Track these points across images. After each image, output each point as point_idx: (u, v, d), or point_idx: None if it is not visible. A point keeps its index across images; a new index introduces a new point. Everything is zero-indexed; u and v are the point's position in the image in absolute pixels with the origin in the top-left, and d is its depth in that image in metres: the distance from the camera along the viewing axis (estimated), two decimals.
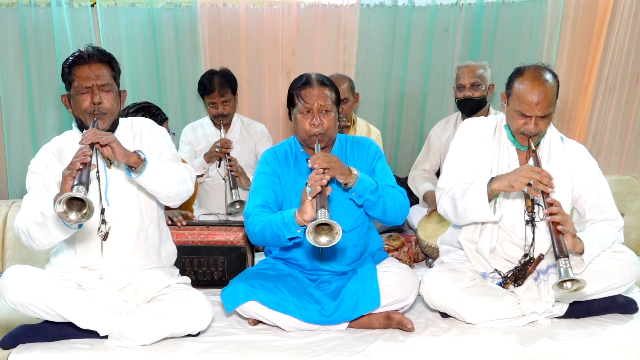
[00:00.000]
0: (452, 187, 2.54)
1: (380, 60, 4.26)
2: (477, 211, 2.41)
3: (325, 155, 2.28)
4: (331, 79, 2.58)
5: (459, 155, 2.60)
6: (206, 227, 3.02)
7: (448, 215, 2.57)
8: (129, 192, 2.45)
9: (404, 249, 3.37)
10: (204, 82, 3.67)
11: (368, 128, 3.82)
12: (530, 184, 2.27)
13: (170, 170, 2.36)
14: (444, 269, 2.61)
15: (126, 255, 2.46)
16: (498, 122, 2.60)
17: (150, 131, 2.53)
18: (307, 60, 4.19)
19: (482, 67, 3.60)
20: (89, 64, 2.34)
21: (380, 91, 4.32)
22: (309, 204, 2.13)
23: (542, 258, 2.50)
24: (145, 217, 2.51)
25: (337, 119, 2.52)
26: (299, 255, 2.62)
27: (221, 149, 3.56)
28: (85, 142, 2.13)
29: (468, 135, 2.62)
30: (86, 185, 1.98)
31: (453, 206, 2.51)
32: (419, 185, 3.74)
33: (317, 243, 2.01)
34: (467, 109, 3.60)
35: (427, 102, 4.35)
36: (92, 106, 2.33)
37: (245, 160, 3.78)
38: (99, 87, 2.34)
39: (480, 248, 2.58)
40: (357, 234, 2.60)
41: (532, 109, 2.37)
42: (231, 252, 2.96)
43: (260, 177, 2.56)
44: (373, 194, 2.39)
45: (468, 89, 3.55)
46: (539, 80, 2.38)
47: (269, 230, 2.28)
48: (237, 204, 3.47)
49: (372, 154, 2.62)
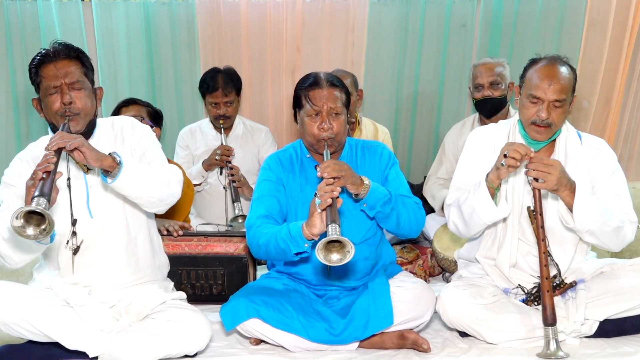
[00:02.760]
0: (457, 198, 2.52)
1: (391, 57, 4.25)
2: (482, 210, 2.39)
3: (336, 163, 2.25)
4: (340, 78, 2.56)
5: (468, 170, 2.59)
6: (204, 237, 3.00)
7: (458, 228, 2.56)
8: (112, 200, 2.41)
9: (418, 262, 3.34)
10: (207, 80, 3.67)
11: (375, 127, 3.80)
12: (505, 154, 2.29)
13: (151, 173, 2.31)
14: (463, 284, 2.58)
15: (116, 270, 2.44)
16: (511, 126, 2.57)
17: (133, 131, 2.49)
18: (312, 58, 4.19)
19: (501, 64, 3.58)
20: (55, 62, 2.31)
21: (391, 91, 4.31)
22: (318, 216, 2.10)
23: (574, 285, 2.47)
24: (133, 226, 2.47)
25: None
26: (305, 270, 2.59)
27: (222, 156, 3.55)
28: (50, 147, 2.07)
29: (478, 147, 2.60)
30: (48, 197, 1.92)
31: (460, 215, 2.50)
32: (436, 192, 3.71)
33: (327, 261, 1.99)
34: (487, 110, 3.58)
35: (442, 103, 4.34)
36: (63, 107, 2.29)
37: (247, 166, 3.77)
38: (69, 86, 2.30)
39: (499, 264, 2.55)
40: (368, 246, 2.57)
41: (544, 92, 2.37)
42: (231, 264, 2.95)
43: (264, 185, 2.53)
44: (386, 205, 2.36)
45: (487, 88, 3.54)
46: (553, 65, 2.42)
47: (274, 243, 2.26)
48: (240, 218, 3.47)
49: (385, 160, 2.59)
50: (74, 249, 2.32)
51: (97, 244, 2.39)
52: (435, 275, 3.41)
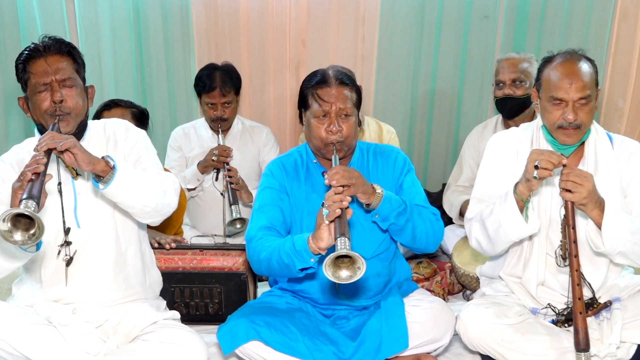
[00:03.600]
0: (479, 212, 2.52)
1: (406, 52, 4.26)
2: (510, 225, 2.38)
3: (345, 169, 2.26)
4: (350, 75, 2.57)
5: (489, 180, 2.59)
6: (200, 251, 3.00)
7: (481, 246, 2.55)
8: (102, 208, 2.43)
9: (436, 278, 3.34)
10: (203, 78, 3.67)
11: (379, 126, 3.81)
12: (537, 166, 2.27)
13: (146, 180, 2.32)
14: (486, 302, 2.58)
15: (103, 286, 2.44)
16: (534, 129, 2.58)
17: (126, 134, 2.51)
18: (319, 53, 4.20)
19: (527, 60, 3.57)
20: (46, 57, 2.33)
21: (406, 89, 4.32)
22: (325, 229, 2.10)
23: (609, 305, 2.46)
24: (123, 238, 2.49)
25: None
26: (311, 288, 2.60)
27: (219, 157, 3.56)
28: (40, 148, 2.09)
29: (499, 154, 2.60)
30: (37, 200, 1.94)
31: (483, 230, 2.49)
32: (454, 199, 3.71)
33: (336, 278, 1.99)
34: (507, 110, 3.59)
35: (462, 103, 4.34)
36: (53, 106, 2.31)
37: (246, 171, 3.78)
38: (60, 83, 2.32)
39: (525, 282, 2.55)
40: (381, 261, 2.58)
41: (566, 91, 2.38)
42: (229, 281, 2.95)
43: (266, 193, 2.54)
44: (400, 216, 2.37)
45: (508, 86, 3.54)
46: (571, 60, 2.42)
47: (277, 258, 2.26)
48: (238, 222, 3.46)
49: (400, 166, 2.60)
50: (67, 260, 2.33)
51: (84, 256, 2.40)
52: (454, 293, 3.41)
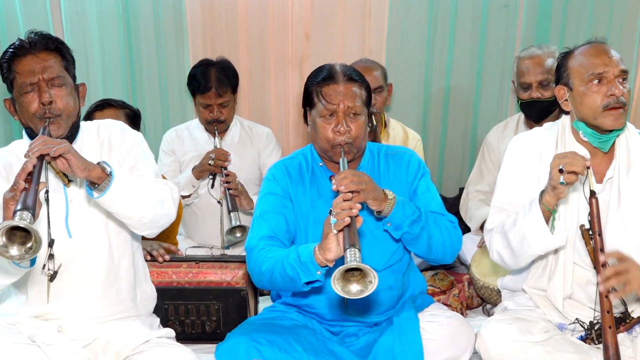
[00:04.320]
0: (500, 222, 2.52)
1: (418, 45, 4.26)
2: (535, 238, 2.37)
3: (354, 173, 2.26)
4: (359, 71, 2.57)
5: (511, 187, 2.58)
6: (196, 263, 3.00)
7: (503, 259, 2.55)
8: (95, 217, 2.43)
9: (453, 291, 3.34)
10: (197, 77, 3.67)
11: (405, 132, 3.82)
12: (561, 169, 2.26)
13: (145, 189, 2.34)
14: (508, 318, 2.58)
15: (91, 302, 2.45)
16: (560, 129, 2.58)
17: (122, 138, 2.52)
18: (324, 47, 4.21)
19: (551, 55, 3.55)
20: (32, 55, 2.34)
21: (418, 86, 4.32)
22: (333, 239, 2.09)
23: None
24: (116, 250, 2.49)
25: (368, 123, 2.51)
26: (317, 302, 2.60)
27: (216, 161, 3.56)
28: (31, 154, 2.09)
29: (521, 158, 2.59)
30: (32, 211, 1.95)
31: (506, 243, 2.48)
32: (474, 210, 3.71)
33: (345, 293, 1.97)
34: (536, 114, 3.58)
35: (480, 100, 4.35)
36: (42, 108, 2.32)
37: (246, 174, 3.79)
38: (48, 82, 2.33)
39: (551, 295, 2.54)
40: (393, 273, 2.58)
41: (607, 64, 2.40)
42: (228, 297, 2.95)
43: (267, 199, 2.54)
44: (414, 225, 2.36)
45: (535, 89, 3.53)
46: (596, 43, 2.48)
47: (280, 270, 2.26)
48: (238, 230, 3.46)
49: (414, 169, 2.60)
50: (50, 275, 2.33)
51: (74, 268, 2.40)
52: (473, 308, 3.41)
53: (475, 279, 3.30)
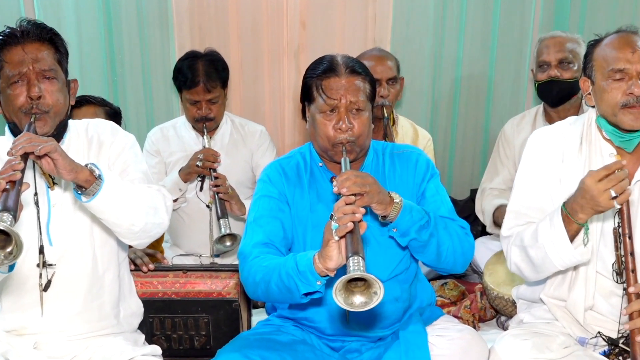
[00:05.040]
0: (518, 233, 2.52)
1: (425, 33, 4.27)
2: (558, 257, 2.38)
3: (358, 175, 2.25)
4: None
5: (529, 188, 2.58)
6: (183, 272, 3.01)
7: (523, 273, 2.55)
8: (79, 225, 2.44)
9: (465, 302, 3.35)
10: (184, 71, 3.67)
11: (414, 130, 3.82)
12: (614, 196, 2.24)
13: (137, 194, 2.34)
14: (524, 332, 2.58)
15: (70, 317, 2.45)
16: (585, 124, 2.58)
17: (112, 139, 2.52)
18: (322, 36, 4.22)
19: (575, 40, 3.61)
20: (23, 44, 2.34)
21: (426, 77, 4.33)
22: (334, 246, 2.07)
23: None
24: (101, 262, 2.50)
25: (372, 119, 2.51)
26: (316, 315, 2.59)
27: (204, 162, 3.56)
28: (15, 152, 2.09)
29: (541, 155, 2.59)
30: (13, 213, 1.94)
31: (526, 258, 2.48)
32: (487, 203, 3.73)
33: (348, 305, 1.96)
34: (554, 95, 3.61)
35: (493, 94, 4.35)
36: (29, 102, 2.32)
37: (237, 177, 3.80)
38: (38, 75, 2.33)
39: (571, 306, 2.54)
40: (399, 284, 2.58)
41: (629, 60, 2.40)
42: (219, 309, 2.96)
43: (262, 202, 2.53)
44: (423, 231, 2.36)
45: (554, 67, 3.57)
46: (626, 33, 2.47)
47: (276, 280, 2.25)
48: (228, 239, 3.45)
49: (422, 170, 2.60)
50: (44, 285, 2.33)
51: (54, 279, 2.40)
52: (486, 320, 3.41)
53: (489, 288, 3.30)
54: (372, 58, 3.54)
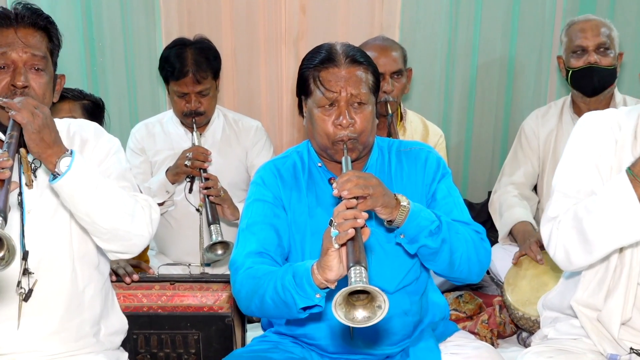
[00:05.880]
0: (568, 209, 2.47)
1: (438, 16, 4.28)
2: (624, 224, 2.29)
3: (360, 176, 2.23)
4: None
5: (579, 169, 2.55)
6: (170, 284, 3.02)
7: (570, 256, 2.43)
8: (56, 233, 2.43)
9: (482, 316, 3.34)
10: (171, 60, 3.69)
11: (425, 126, 3.82)
12: None
13: (114, 191, 2.34)
14: (549, 350, 2.58)
15: (46, 336, 2.44)
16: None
17: (96, 142, 2.52)
18: (324, 21, 4.22)
19: (608, 25, 3.64)
20: (16, 28, 2.34)
21: (438, 66, 4.34)
22: (335, 255, 2.06)
23: None
24: (81, 275, 2.49)
25: (377, 114, 2.51)
26: (317, 332, 2.58)
27: (193, 161, 3.57)
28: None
29: (595, 138, 2.56)
30: (3, 215, 1.93)
31: (578, 235, 2.39)
32: (505, 209, 3.74)
33: (349, 320, 1.95)
34: (593, 84, 3.63)
35: (513, 84, 4.35)
36: (11, 90, 2.31)
37: (231, 177, 3.82)
38: (27, 63, 2.33)
39: (605, 317, 2.54)
40: (409, 296, 2.56)
41: None
42: (210, 324, 2.96)
43: (255, 207, 2.53)
44: (433, 237, 2.34)
45: (592, 52, 3.58)
46: None
47: (272, 293, 2.24)
48: (219, 247, 3.46)
49: (432, 169, 2.59)
50: (24, 295, 2.34)
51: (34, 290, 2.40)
52: (506, 336, 3.41)
53: (512, 307, 3.28)
54: (374, 48, 3.54)
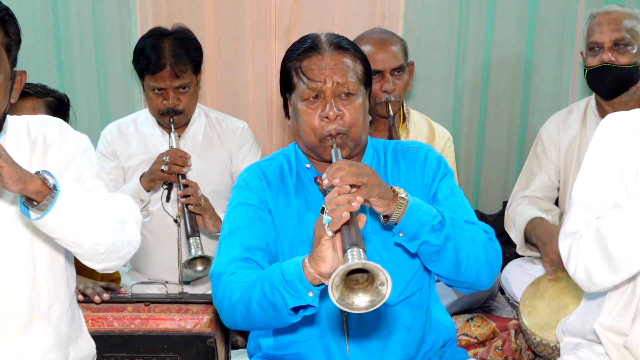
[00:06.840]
0: (589, 224, 2.47)
1: (447, 6, 4.29)
2: None
3: (352, 164, 2.21)
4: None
5: (603, 176, 2.55)
6: (145, 305, 3.03)
7: (592, 276, 2.41)
8: (16, 247, 2.43)
9: (495, 342, 3.35)
10: (146, 51, 3.69)
11: (430, 128, 3.84)
12: None
13: (100, 206, 2.31)
14: None
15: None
16: None
17: (61, 140, 2.50)
18: (319, 10, 4.24)
19: (633, 16, 3.61)
20: None
21: (447, 61, 4.35)
22: (328, 244, 2.02)
23: None
24: (46, 292, 2.48)
25: (369, 109, 2.52)
26: (308, 348, 2.54)
27: (171, 166, 3.57)
28: None
29: (618, 143, 2.57)
30: None
31: (601, 253, 2.38)
32: (518, 214, 3.75)
33: (348, 307, 1.90)
34: (606, 85, 3.63)
35: (531, 81, 4.36)
36: None
37: (214, 184, 3.84)
38: None
39: (632, 343, 2.54)
40: (411, 309, 2.55)
41: None
42: (189, 347, 2.96)
43: (239, 212, 2.53)
44: (437, 233, 2.30)
45: (607, 50, 3.58)
46: None
47: (258, 297, 2.20)
48: (199, 262, 3.44)
49: (432, 169, 2.58)
50: None
51: None
52: None
53: (529, 332, 3.28)
54: (371, 42, 3.56)
